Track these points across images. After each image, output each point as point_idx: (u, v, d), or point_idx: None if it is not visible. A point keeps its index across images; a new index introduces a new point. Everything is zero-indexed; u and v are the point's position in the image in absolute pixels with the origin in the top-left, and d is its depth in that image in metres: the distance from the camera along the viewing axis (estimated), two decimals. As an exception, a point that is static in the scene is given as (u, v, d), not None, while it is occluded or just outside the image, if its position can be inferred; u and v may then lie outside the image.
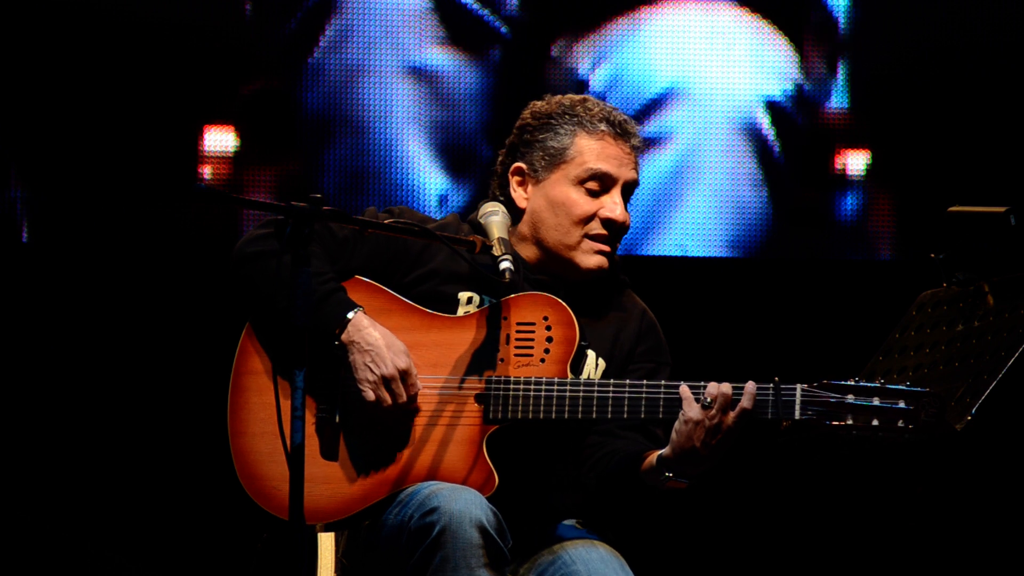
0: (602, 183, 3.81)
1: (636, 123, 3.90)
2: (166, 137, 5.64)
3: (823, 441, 3.62)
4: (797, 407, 3.56)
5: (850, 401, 3.56)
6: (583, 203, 3.81)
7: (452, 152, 5.74)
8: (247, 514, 3.66)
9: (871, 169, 5.87)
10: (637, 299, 3.95)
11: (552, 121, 3.84)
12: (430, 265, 3.79)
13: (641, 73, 5.81)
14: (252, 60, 5.68)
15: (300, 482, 3.20)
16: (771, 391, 3.57)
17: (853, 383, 3.57)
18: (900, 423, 3.54)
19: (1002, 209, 3.82)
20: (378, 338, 3.61)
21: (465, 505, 3.46)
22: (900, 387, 3.57)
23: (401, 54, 5.71)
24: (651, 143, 5.78)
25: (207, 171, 5.66)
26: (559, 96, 3.90)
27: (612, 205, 3.81)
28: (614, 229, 3.81)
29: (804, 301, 5.80)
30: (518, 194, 3.86)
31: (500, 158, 3.92)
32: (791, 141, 5.83)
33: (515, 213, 3.87)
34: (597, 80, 5.78)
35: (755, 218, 5.83)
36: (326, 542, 3.71)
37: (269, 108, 5.70)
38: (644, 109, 5.79)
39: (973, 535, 5.72)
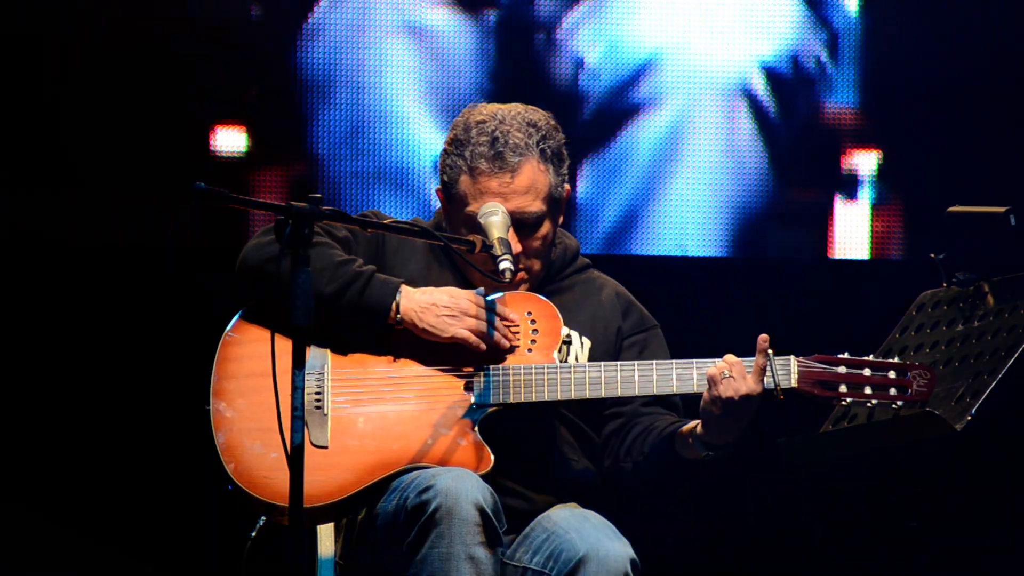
0: None
1: (537, 131, 3.87)
2: (175, 137, 5.66)
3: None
4: (792, 377, 3.65)
5: (842, 372, 3.65)
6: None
7: (449, 112, 5.75)
8: (236, 506, 3.66)
9: (879, 169, 5.87)
10: (604, 277, 4.01)
11: (450, 149, 3.87)
12: (405, 270, 3.84)
13: (630, 33, 5.82)
14: (253, 26, 5.70)
15: (300, 483, 3.21)
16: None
17: (845, 356, 3.67)
18: (892, 391, 3.65)
19: (1002, 209, 3.83)
20: (428, 295, 3.68)
21: (462, 483, 3.48)
22: (890, 360, 3.66)
23: (399, 13, 5.72)
24: (644, 107, 5.80)
25: (216, 171, 5.68)
26: (469, 112, 3.90)
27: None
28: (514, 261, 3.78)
29: (804, 301, 5.80)
30: (444, 209, 3.92)
31: None
32: (788, 104, 5.83)
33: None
34: (585, 39, 5.80)
35: (753, 189, 5.83)
36: (326, 541, 3.74)
37: (278, 107, 5.72)
38: (635, 72, 5.81)
39: (973, 535, 5.72)
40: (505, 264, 3.68)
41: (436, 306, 3.67)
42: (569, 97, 5.75)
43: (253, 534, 3.72)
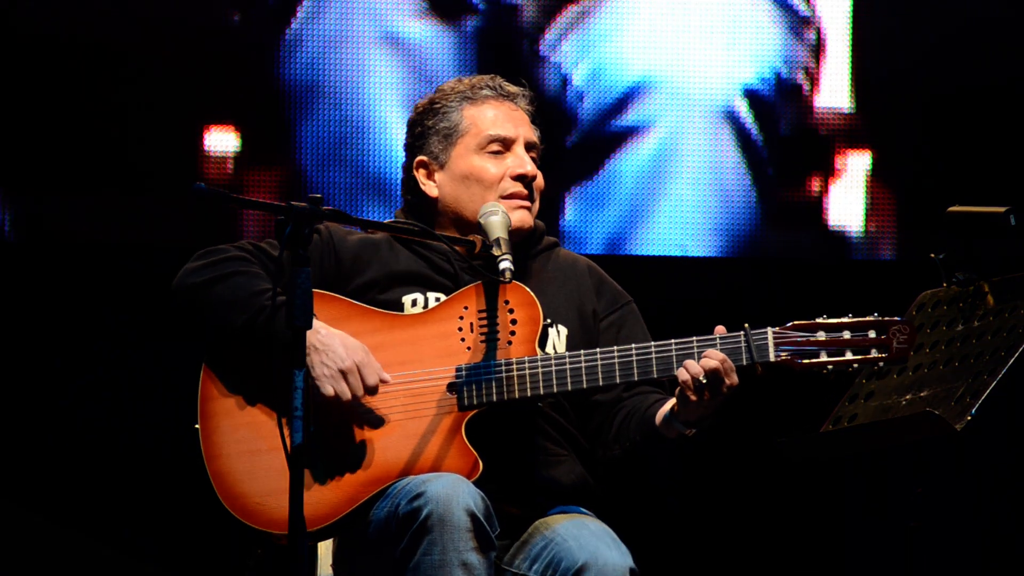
0: (503, 144, 3.87)
1: (529, 89, 3.97)
2: (167, 137, 5.65)
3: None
4: (770, 349, 3.60)
5: (821, 337, 3.60)
6: (491, 167, 3.86)
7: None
8: (233, 534, 3.65)
9: (872, 169, 5.87)
10: (572, 254, 4.00)
11: (436, 106, 3.92)
12: (366, 275, 3.81)
13: (616, 59, 5.82)
14: (234, 33, 5.70)
15: (300, 482, 3.18)
16: (742, 338, 3.60)
17: (823, 320, 3.63)
18: (874, 352, 3.61)
19: (1002, 209, 3.82)
20: (333, 338, 3.62)
21: (453, 489, 3.47)
22: (869, 318, 3.63)
23: (378, 23, 5.71)
24: (630, 134, 5.80)
25: (208, 171, 5.67)
26: (439, 86, 3.97)
27: (519, 160, 3.87)
28: (526, 182, 3.85)
29: (804, 302, 5.80)
30: (428, 186, 3.91)
31: (404, 164, 3.97)
32: (772, 129, 5.84)
33: (430, 206, 3.91)
34: (568, 54, 5.80)
35: (741, 208, 5.83)
36: (324, 551, 3.72)
37: (262, 113, 5.71)
38: (621, 98, 5.81)
39: (973, 535, 5.72)
40: (505, 264, 3.67)
41: (326, 353, 3.61)
42: (551, 106, 5.75)
43: (251, 563, 3.70)
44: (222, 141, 5.70)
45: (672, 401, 3.67)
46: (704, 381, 3.57)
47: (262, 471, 3.60)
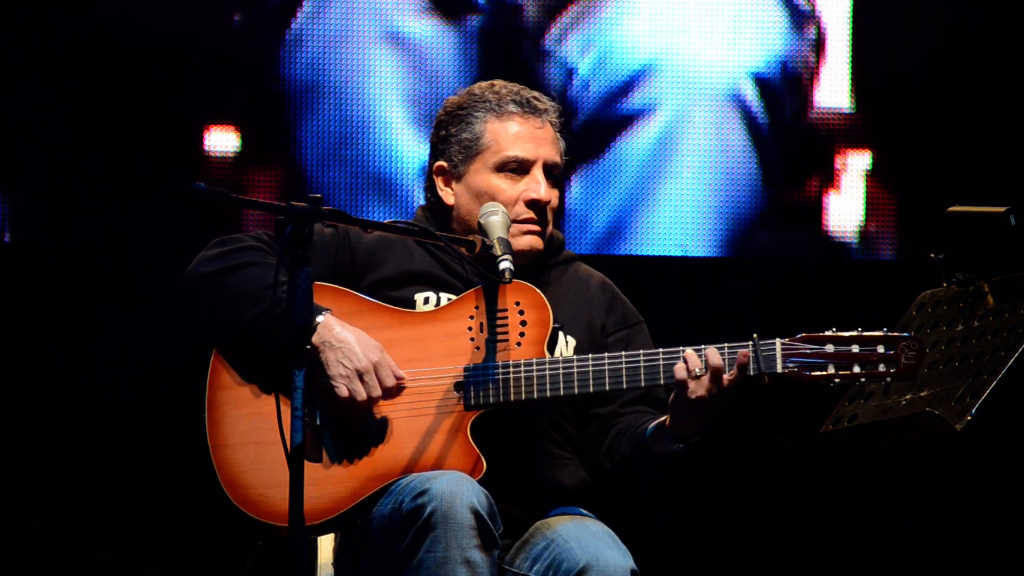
0: (521, 166, 3.85)
1: (551, 99, 3.95)
2: (167, 138, 5.65)
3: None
4: (778, 360, 3.59)
5: (829, 350, 3.59)
6: (505, 188, 3.85)
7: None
8: (235, 523, 3.65)
9: (873, 169, 5.87)
10: (589, 270, 4.00)
11: (462, 112, 3.90)
12: (380, 272, 3.81)
13: (620, 42, 5.82)
14: (237, 33, 5.69)
15: (300, 482, 3.19)
16: (751, 347, 3.59)
17: (831, 333, 3.60)
18: (881, 368, 3.59)
19: (1002, 209, 3.82)
20: (349, 335, 3.62)
21: (457, 487, 3.47)
22: (878, 332, 3.60)
23: (381, 22, 5.71)
24: (636, 116, 5.80)
25: (209, 171, 5.67)
26: (471, 87, 3.95)
27: (535, 186, 3.85)
28: (539, 209, 3.85)
29: (804, 302, 5.80)
30: (445, 192, 3.91)
31: (428, 159, 3.97)
32: (777, 113, 5.83)
33: (445, 211, 3.91)
34: (572, 45, 5.80)
35: (741, 209, 5.83)
36: (325, 545, 3.72)
37: (264, 112, 5.71)
38: (627, 81, 5.81)
39: (973, 535, 5.72)
40: (505, 264, 3.67)
41: (342, 350, 3.61)
42: (556, 95, 5.75)
43: (250, 557, 3.70)
44: (223, 141, 5.70)
45: (665, 417, 3.67)
46: (699, 373, 3.56)
47: (266, 462, 3.60)
